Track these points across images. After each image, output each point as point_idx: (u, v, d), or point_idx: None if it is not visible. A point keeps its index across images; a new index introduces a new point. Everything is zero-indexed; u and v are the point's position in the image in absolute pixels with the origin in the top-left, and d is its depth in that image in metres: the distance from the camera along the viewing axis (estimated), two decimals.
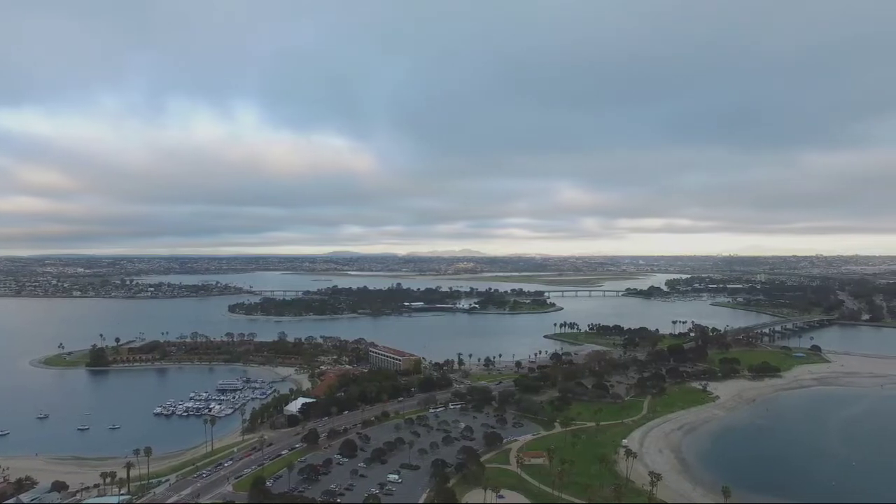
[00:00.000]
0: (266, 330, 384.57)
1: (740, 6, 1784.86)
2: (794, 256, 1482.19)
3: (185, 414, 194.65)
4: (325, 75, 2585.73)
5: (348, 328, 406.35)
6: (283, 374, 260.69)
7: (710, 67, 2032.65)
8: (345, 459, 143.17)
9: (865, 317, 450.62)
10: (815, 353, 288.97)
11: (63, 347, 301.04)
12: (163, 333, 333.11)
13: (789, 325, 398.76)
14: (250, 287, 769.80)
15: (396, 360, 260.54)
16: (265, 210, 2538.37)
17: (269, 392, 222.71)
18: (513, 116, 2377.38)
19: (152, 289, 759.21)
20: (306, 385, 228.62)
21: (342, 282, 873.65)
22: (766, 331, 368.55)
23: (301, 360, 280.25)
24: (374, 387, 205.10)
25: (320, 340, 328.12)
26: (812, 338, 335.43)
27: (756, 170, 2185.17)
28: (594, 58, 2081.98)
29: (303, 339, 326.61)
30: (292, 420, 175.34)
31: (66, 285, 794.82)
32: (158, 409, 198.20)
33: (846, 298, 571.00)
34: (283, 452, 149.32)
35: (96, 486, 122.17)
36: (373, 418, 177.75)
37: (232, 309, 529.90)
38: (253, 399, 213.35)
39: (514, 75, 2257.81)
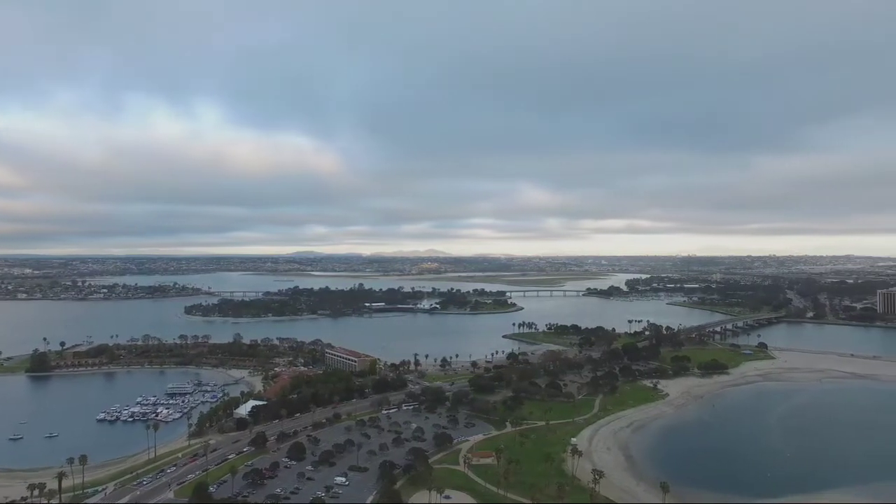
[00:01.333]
0: (223, 332, 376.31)
1: (701, 16, 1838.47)
2: (749, 256, 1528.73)
3: (131, 419, 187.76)
4: (289, 74, 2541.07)
5: (307, 329, 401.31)
6: (237, 376, 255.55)
7: (671, 73, 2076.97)
8: (293, 463, 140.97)
9: (810, 314, 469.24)
10: (762, 350, 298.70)
11: (1, 353, 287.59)
12: (112, 336, 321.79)
13: (740, 324, 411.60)
14: (209, 288, 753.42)
15: (352, 361, 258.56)
16: (227, 209, 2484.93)
17: (221, 395, 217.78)
18: (477, 117, 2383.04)
19: (105, 290, 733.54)
20: (259, 387, 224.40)
21: (304, 282, 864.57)
22: (718, 329, 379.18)
23: (256, 363, 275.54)
24: (327, 388, 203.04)
25: (276, 342, 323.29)
26: (759, 335, 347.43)
27: (713, 173, 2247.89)
28: (557, 61, 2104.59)
29: (259, 341, 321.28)
30: (241, 423, 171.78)
31: (10, 287, 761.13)
32: (102, 415, 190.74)
33: (794, 297, 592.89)
34: (230, 457, 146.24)
35: (23, 498, 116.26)
36: (324, 420, 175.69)
37: (188, 310, 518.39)
38: (203, 403, 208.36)
39: (479, 76, 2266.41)
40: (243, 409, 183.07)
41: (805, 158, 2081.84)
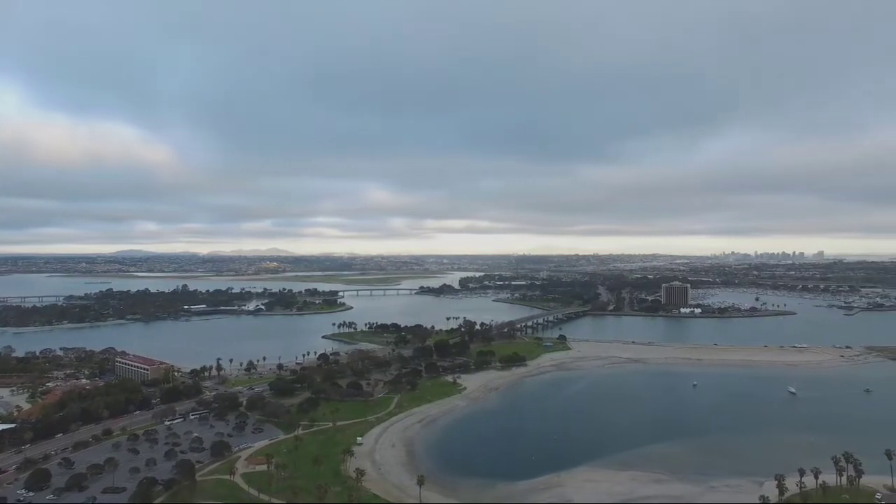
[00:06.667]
0: None
1: (531, 34, 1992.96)
2: (576, 255, 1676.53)
3: None
4: (110, 56, 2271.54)
5: (111, 337, 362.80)
6: None
7: (503, 85, 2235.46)
8: (30, 494, 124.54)
9: (611, 307, 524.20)
10: (561, 342, 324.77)
11: None
12: None
13: (551, 318, 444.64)
14: None
15: (143, 369, 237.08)
16: (31, 202, 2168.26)
17: None
18: (321, 117, 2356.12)
19: None
20: (25, 407, 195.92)
21: (123, 284, 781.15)
22: (530, 323, 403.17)
23: (27, 378, 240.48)
24: (102, 402, 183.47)
25: (60, 353, 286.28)
26: (561, 329, 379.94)
27: (542, 179, 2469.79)
28: (398, 65, 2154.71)
29: (38, 353, 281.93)
30: None
31: None
32: None
33: (603, 292, 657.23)
34: None
35: None
36: (90, 439, 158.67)
37: None
38: None
39: (322, 76, 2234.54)
40: None
41: (618, 169, 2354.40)
